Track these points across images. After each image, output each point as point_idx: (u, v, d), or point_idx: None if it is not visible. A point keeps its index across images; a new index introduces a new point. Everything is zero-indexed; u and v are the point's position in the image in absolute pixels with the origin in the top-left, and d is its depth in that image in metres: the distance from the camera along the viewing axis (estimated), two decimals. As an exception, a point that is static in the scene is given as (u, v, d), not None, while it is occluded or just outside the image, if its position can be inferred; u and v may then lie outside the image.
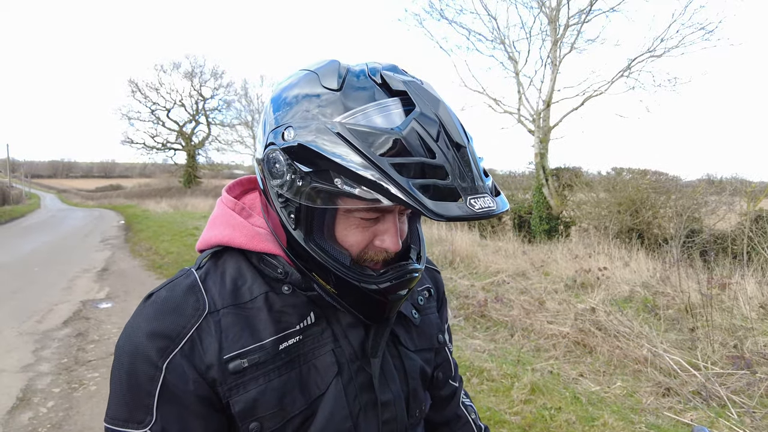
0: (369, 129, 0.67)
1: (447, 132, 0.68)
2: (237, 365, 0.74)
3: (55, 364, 4.51)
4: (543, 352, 4.50)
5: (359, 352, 0.84)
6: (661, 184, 10.06)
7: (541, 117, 12.49)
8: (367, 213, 0.74)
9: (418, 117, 0.67)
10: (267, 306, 0.80)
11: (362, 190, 0.65)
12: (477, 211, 0.65)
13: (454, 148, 0.68)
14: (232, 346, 0.75)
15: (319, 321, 0.83)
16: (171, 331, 0.74)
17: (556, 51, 12.35)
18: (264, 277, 0.83)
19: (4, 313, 6.18)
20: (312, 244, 0.76)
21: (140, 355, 0.73)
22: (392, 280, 0.77)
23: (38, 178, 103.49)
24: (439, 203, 0.63)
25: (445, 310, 1.09)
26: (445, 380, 1.07)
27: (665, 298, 5.48)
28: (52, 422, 3.47)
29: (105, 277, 8.53)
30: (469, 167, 0.68)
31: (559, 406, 3.41)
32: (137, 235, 14.40)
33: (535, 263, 7.54)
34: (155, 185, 44.71)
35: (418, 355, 0.94)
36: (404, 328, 0.94)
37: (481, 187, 0.68)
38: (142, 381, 0.73)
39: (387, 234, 0.76)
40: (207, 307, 0.77)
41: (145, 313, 0.77)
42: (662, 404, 3.35)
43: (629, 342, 4.33)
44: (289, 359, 0.78)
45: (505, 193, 13.34)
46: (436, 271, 1.12)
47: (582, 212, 11.50)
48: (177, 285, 0.81)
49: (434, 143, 0.67)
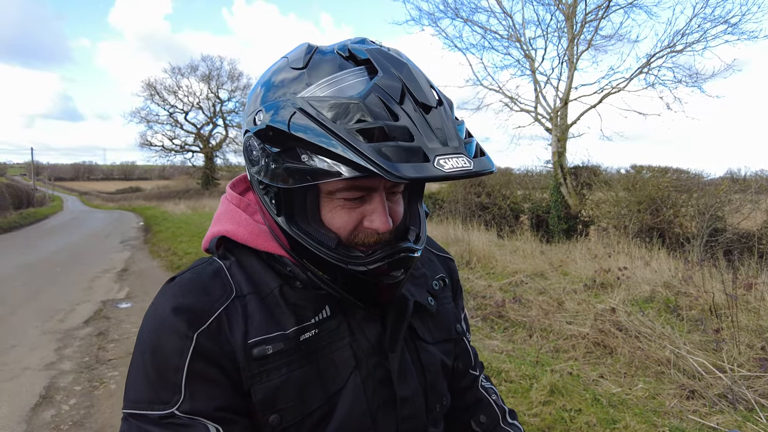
0: (330, 99, 0.65)
1: (412, 94, 0.65)
2: (261, 351, 0.73)
3: (77, 362, 4.58)
4: (562, 353, 4.43)
5: (376, 347, 0.82)
6: (682, 183, 9.85)
7: (559, 115, 12.34)
8: (349, 193, 0.72)
9: (380, 81, 0.65)
10: (283, 299, 0.79)
11: (326, 163, 0.63)
12: (446, 172, 0.61)
13: (422, 110, 0.65)
14: (257, 331, 0.74)
15: (334, 314, 0.80)
16: (198, 308, 0.73)
17: (573, 48, 12.19)
18: (276, 271, 0.82)
19: (28, 312, 6.31)
20: (295, 228, 0.74)
21: (167, 328, 0.71)
22: (383, 260, 0.73)
23: (61, 181, 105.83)
24: (401, 165, 0.59)
25: (460, 299, 1.06)
26: (465, 370, 1.03)
27: (688, 299, 5.35)
28: (73, 420, 3.52)
29: (125, 277, 8.66)
30: (441, 128, 0.65)
31: (579, 407, 3.35)
32: (156, 236, 14.61)
33: (553, 263, 7.44)
34: (174, 187, 45.37)
35: (436, 347, 0.92)
36: (420, 320, 0.91)
37: (456, 147, 0.64)
38: (169, 354, 0.70)
39: (375, 213, 0.73)
40: (234, 291, 0.77)
41: (170, 293, 0.76)
42: (686, 407, 3.27)
43: (651, 343, 4.24)
44: (308, 352, 0.77)
45: (522, 193, 13.32)
46: (449, 258, 1.09)
47: (601, 211, 11.33)
48: (202, 269, 0.80)
49: (397, 106, 0.64)
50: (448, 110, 0.69)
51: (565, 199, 11.69)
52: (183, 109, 39.48)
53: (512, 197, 13.11)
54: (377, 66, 0.67)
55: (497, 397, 1.07)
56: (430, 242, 1.08)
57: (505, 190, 13.21)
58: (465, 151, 0.65)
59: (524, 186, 13.82)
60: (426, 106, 0.65)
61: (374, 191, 0.73)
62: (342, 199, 0.73)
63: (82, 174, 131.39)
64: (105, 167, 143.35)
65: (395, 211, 0.78)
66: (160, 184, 61.00)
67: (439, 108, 0.67)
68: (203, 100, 39.61)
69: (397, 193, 0.79)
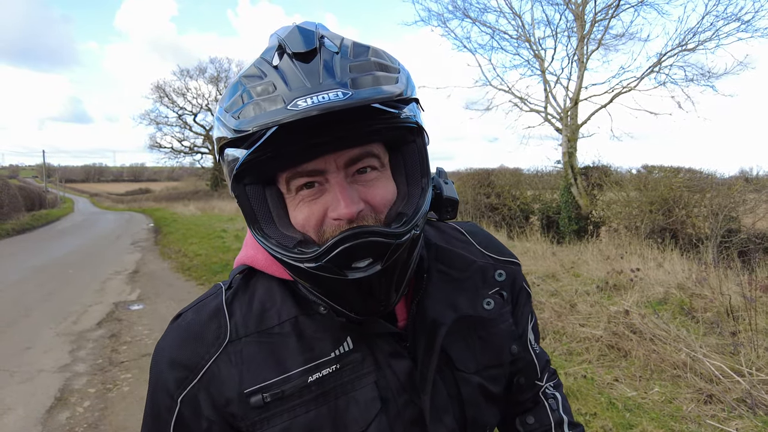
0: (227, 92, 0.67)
1: (286, 49, 0.63)
2: (258, 400, 0.69)
3: (90, 364, 4.62)
4: (575, 355, 4.39)
5: (407, 384, 0.74)
6: (695, 183, 9.74)
7: (569, 115, 12.26)
8: (297, 181, 0.66)
9: (263, 53, 0.66)
10: (296, 332, 0.73)
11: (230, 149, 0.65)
12: (292, 110, 0.55)
13: (300, 60, 0.61)
14: (253, 379, 0.70)
15: (358, 347, 0.73)
16: (190, 361, 0.72)
17: (583, 48, 12.11)
18: (297, 298, 0.75)
19: (42, 313, 6.37)
20: (258, 235, 0.68)
21: (161, 384, 0.73)
22: (335, 247, 0.62)
23: (72, 183, 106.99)
24: (245, 120, 0.59)
25: (527, 308, 0.93)
26: (529, 384, 0.93)
27: (702, 301, 5.28)
28: (88, 422, 3.54)
29: (136, 279, 8.72)
30: (315, 70, 0.60)
31: (594, 411, 3.31)
32: (166, 238, 14.71)
33: (564, 264, 7.39)
34: (183, 188, 45.72)
35: (480, 375, 0.81)
36: (463, 346, 0.80)
37: (324, 84, 0.58)
38: (161, 410, 0.73)
39: (333, 200, 0.64)
40: (228, 336, 0.73)
41: (170, 338, 0.76)
42: (704, 412, 3.22)
43: (666, 346, 4.19)
44: (322, 392, 0.70)
45: (532, 193, 13.22)
46: (513, 263, 0.93)
47: (612, 212, 11.23)
48: (204, 306, 0.77)
49: (268, 66, 0.63)
50: (345, 54, 0.63)
51: (575, 200, 11.60)
52: (192, 111, 39.84)
53: (522, 198, 13.04)
54: (271, 41, 0.68)
55: (557, 403, 0.95)
56: (488, 244, 0.94)
57: (515, 191, 13.14)
58: (344, 86, 0.58)
59: (534, 186, 13.74)
60: (301, 55, 0.62)
61: (326, 173, 0.65)
62: (301, 193, 0.67)
63: (92, 176, 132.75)
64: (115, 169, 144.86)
65: (371, 193, 0.67)
66: (169, 185, 61.46)
67: (325, 55, 0.62)
68: (212, 101, 39.88)
69: (371, 169, 0.68)
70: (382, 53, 0.67)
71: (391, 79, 0.63)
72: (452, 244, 0.89)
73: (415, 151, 0.71)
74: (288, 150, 0.61)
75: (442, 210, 0.83)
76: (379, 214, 0.67)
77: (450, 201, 0.83)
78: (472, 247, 0.91)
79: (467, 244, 0.92)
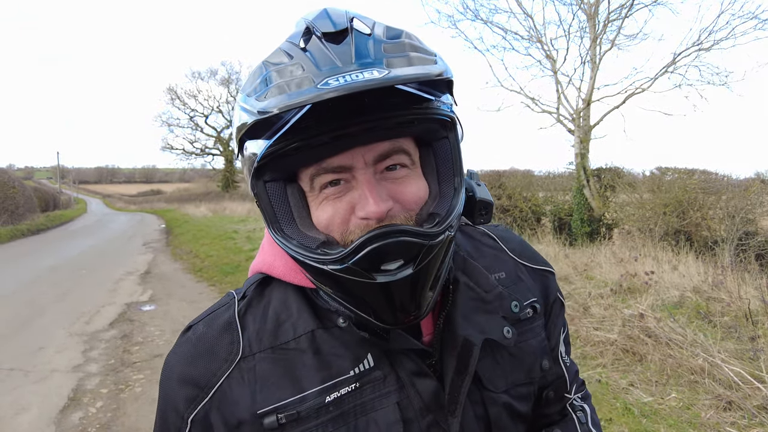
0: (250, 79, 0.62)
1: (315, 31, 0.59)
2: (272, 422, 0.64)
3: (103, 365, 4.64)
4: (590, 359, 4.33)
5: (432, 405, 0.68)
6: (710, 184, 9.59)
7: (581, 116, 12.15)
8: (322, 177, 0.62)
9: (288, 37, 0.63)
10: (313, 348, 0.68)
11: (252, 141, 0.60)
12: (323, 89, 0.51)
13: (330, 41, 0.58)
14: (267, 399, 0.66)
15: (379, 364, 0.68)
16: (201, 378, 0.68)
17: (596, 48, 12.00)
18: (315, 309, 0.71)
19: (56, 313, 6.44)
20: (280, 236, 0.63)
21: (170, 403, 0.71)
22: (362, 247, 0.57)
23: (85, 184, 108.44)
24: (272, 100, 0.54)
25: (559, 319, 0.89)
26: (558, 397, 0.87)
27: (720, 305, 5.18)
28: (100, 422, 3.55)
29: (147, 280, 8.78)
30: (347, 50, 0.56)
31: (609, 417, 3.26)
32: (177, 239, 14.81)
33: (577, 267, 7.30)
34: (194, 190, 46.02)
35: (508, 393, 0.76)
36: (490, 361, 0.75)
37: (357, 64, 0.54)
38: (171, 428, 0.71)
39: (361, 198, 0.60)
40: (241, 352, 0.69)
41: (180, 352, 0.72)
42: (724, 419, 3.15)
43: (683, 350, 4.11)
44: (340, 413, 0.66)
45: (544, 195, 13.11)
46: (547, 271, 0.89)
47: (625, 214, 11.10)
48: (215, 318, 0.74)
49: (297, 49, 0.59)
50: (378, 36, 0.59)
51: (588, 202, 11.48)
52: (203, 112, 40.10)
53: (533, 199, 12.95)
54: (297, 26, 0.65)
55: (585, 416, 0.90)
56: (522, 251, 0.90)
57: (526, 192, 13.05)
58: (379, 65, 0.54)
59: (546, 188, 13.63)
60: (333, 35, 0.58)
61: (353, 170, 0.61)
62: (325, 191, 0.63)
63: (104, 177, 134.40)
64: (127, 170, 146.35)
65: (402, 191, 0.63)
66: (180, 186, 61.93)
67: (357, 36, 0.58)
68: (223, 103, 40.16)
69: (401, 166, 0.64)
70: (415, 37, 0.63)
71: (429, 60, 0.58)
72: (482, 251, 0.85)
73: (447, 148, 0.67)
74: (313, 140, 0.57)
75: (475, 213, 0.77)
76: (410, 213, 0.63)
77: (484, 203, 0.77)
78: (504, 254, 0.87)
79: (498, 251, 0.87)
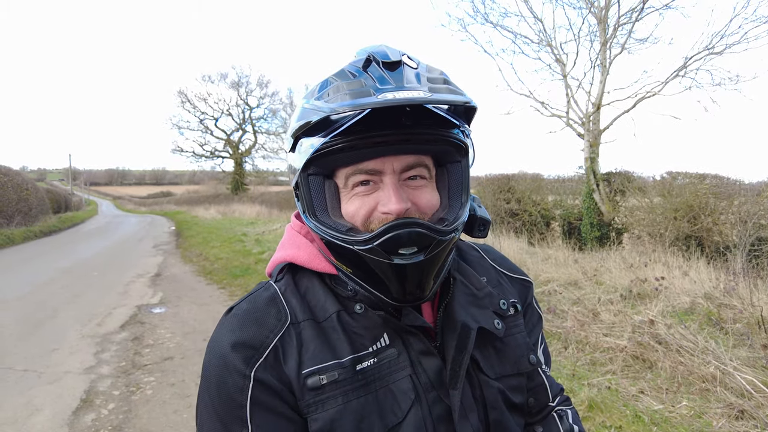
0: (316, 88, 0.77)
1: (376, 59, 0.72)
2: (315, 381, 0.74)
3: (114, 367, 4.69)
4: (599, 366, 4.30)
5: (436, 382, 0.79)
6: (722, 189, 9.49)
7: (591, 120, 12.08)
8: (356, 177, 0.76)
9: (351, 62, 0.77)
10: (341, 325, 0.79)
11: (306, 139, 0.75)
12: (382, 99, 0.64)
13: (386, 68, 0.71)
14: (311, 361, 0.75)
15: (393, 343, 0.79)
16: (255, 341, 0.76)
17: (606, 52, 11.93)
18: (336, 296, 0.83)
19: (68, 315, 6.51)
20: (313, 220, 0.78)
21: (227, 366, 0.75)
22: (386, 232, 0.71)
23: (96, 186, 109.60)
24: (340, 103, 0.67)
25: (538, 328, 1.00)
26: (540, 406, 0.95)
27: (731, 311, 5.13)
28: (112, 424, 3.59)
29: (158, 282, 8.85)
30: (400, 76, 0.70)
31: (619, 425, 3.24)
32: (187, 241, 14.90)
33: (587, 272, 7.26)
34: (204, 192, 46.24)
35: (501, 383, 0.86)
36: (485, 350, 0.86)
37: (408, 86, 0.68)
38: (232, 392, 0.74)
39: (386, 196, 0.74)
40: (289, 318, 0.79)
41: (227, 325, 0.79)
42: (736, 428, 3.12)
43: (694, 358, 4.07)
44: (366, 382, 0.76)
45: (553, 199, 13.04)
46: (525, 281, 1.02)
47: (635, 218, 11.01)
48: (258, 297, 0.83)
49: (359, 70, 0.73)
50: (422, 71, 0.74)
51: (597, 206, 11.41)
52: (213, 115, 40.34)
53: (543, 203, 12.88)
54: (358, 54, 0.78)
55: (567, 417, 0.97)
56: (502, 262, 1.03)
57: (536, 196, 12.99)
58: (424, 89, 0.68)
59: (555, 192, 13.56)
60: (389, 64, 0.72)
61: (382, 174, 0.75)
62: (356, 189, 0.76)
63: (115, 179, 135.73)
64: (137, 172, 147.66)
65: (419, 197, 0.77)
66: (190, 189, 62.32)
67: (407, 68, 0.72)
68: (233, 107, 40.40)
69: (420, 178, 0.78)
70: (448, 75, 0.78)
71: (459, 92, 0.73)
72: (468, 260, 0.98)
73: (459, 170, 0.81)
74: (359, 143, 0.71)
75: (475, 228, 0.90)
76: (423, 215, 0.77)
77: (483, 220, 0.91)
78: (485, 262, 1.00)
79: (482, 259, 1.00)
